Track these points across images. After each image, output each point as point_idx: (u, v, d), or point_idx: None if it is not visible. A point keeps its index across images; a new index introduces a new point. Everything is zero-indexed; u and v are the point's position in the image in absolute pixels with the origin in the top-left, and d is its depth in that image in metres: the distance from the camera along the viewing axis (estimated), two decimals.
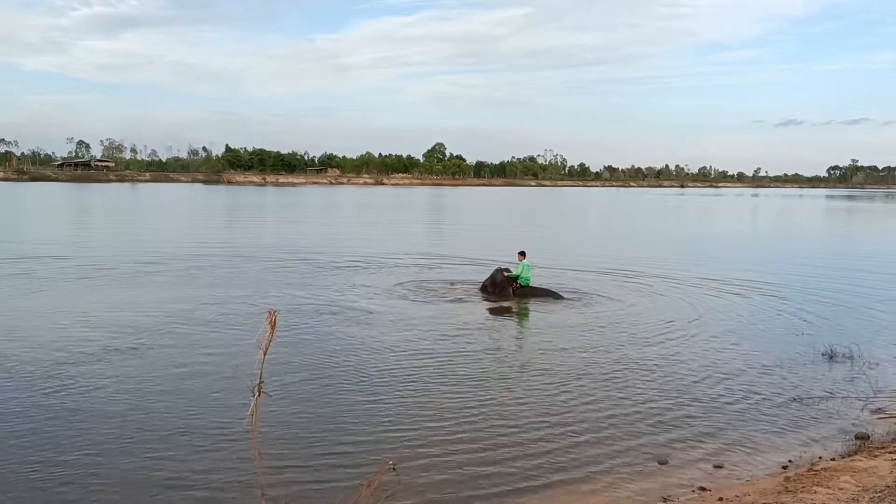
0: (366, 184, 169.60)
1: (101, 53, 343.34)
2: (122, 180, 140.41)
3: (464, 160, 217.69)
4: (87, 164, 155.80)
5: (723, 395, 10.44)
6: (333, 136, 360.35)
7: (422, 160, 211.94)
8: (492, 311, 16.88)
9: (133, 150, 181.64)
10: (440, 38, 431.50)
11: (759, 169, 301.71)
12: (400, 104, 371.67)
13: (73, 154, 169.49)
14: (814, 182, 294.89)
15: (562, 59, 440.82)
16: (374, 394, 10.18)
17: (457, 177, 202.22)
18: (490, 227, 48.53)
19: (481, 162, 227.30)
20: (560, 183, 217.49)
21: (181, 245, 28.95)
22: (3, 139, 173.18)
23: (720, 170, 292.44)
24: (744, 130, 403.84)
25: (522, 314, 16.80)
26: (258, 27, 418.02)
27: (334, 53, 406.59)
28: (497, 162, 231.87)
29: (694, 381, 11.08)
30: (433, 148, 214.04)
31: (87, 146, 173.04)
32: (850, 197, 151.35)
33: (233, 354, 11.99)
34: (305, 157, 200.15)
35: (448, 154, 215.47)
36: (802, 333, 14.59)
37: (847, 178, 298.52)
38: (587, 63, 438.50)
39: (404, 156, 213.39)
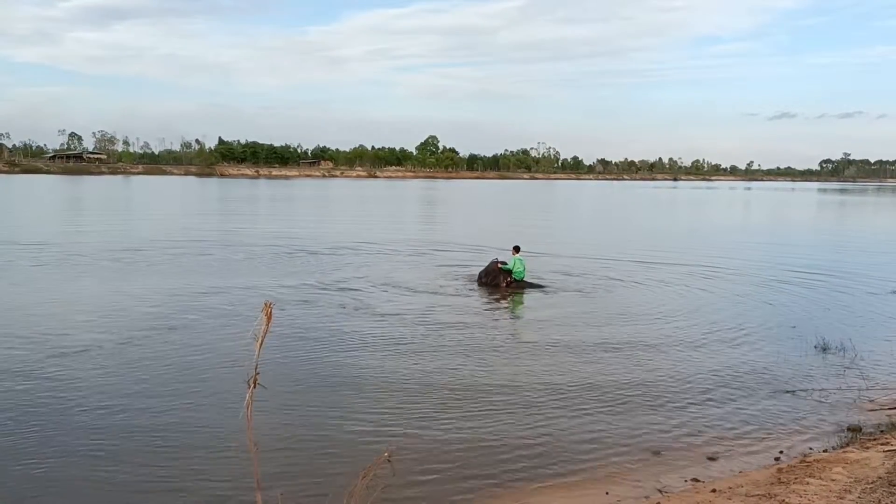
0: (359, 177, 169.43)
1: (91, 45, 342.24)
2: (114, 173, 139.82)
3: (457, 153, 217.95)
4: (79, 157, 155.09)
5: (716, 387, 10.48)
6: (326, 128, 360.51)
7: (415, 153, 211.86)
8: (486, 302, 16.90)
9: (125, 143, 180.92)
10: (433, 30, 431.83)
11: (752, 162, 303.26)
12: (393, 97, 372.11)
13: (66, 146, 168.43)
14: (806, 175, 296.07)
15: (555, 52, 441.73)
16: (370, 384, 10.18)
17: (450, 170, 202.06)
18: (486, 217, 48.51)
19: (474, 155, 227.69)
20: (553, 176, 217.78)
21: (174, 236, 28.80)
22: None
23: (713, 163, 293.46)
24: (737, 123, 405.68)
25: (517, 306, 16.81)
26: (250, 19, 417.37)
27: (327, 46, 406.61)
28: (490, 155, 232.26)
29: (687, 373, 11.11)
30: (426, 141, 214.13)
31: (80, 138, 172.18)
32: (841, 190, 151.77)
33: (228, 346, 11.97)
34: (298, 150, 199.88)
35: (441, 147, 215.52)
36: (795, 326, 14.66)
37: (839, 171, 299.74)
38: (580, 56, 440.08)
39: (397, 149, 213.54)
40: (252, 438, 3.82)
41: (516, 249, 18.65)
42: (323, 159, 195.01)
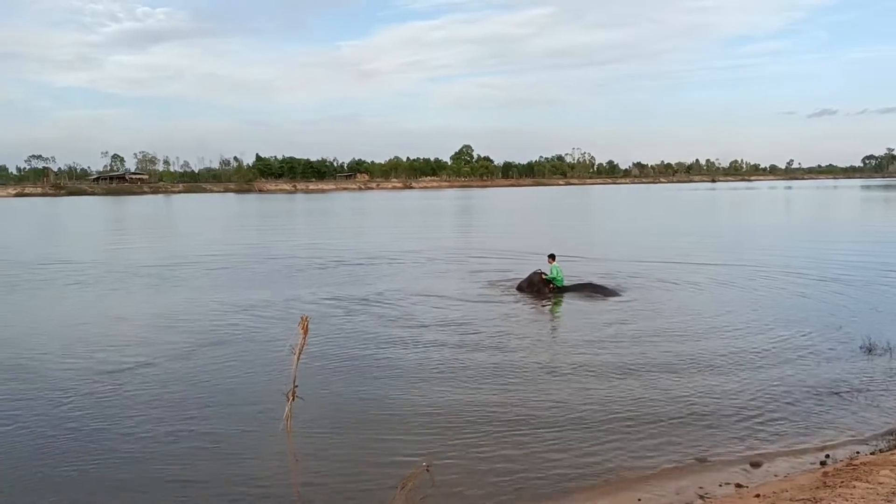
0: (395, 188, 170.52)
1: (130, 68, 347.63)
2: (156, 192, 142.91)
3: (491, 161, 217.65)
4: (121, 178, 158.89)
5: (760, 391, 10.31)
6: (361, 141, 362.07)
7: (450, 163, 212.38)
8: (528, 309, 16.84)
9: (166, 162, 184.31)
10: (464, 40, 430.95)
11: (792, 161, 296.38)
12: (426, 108, 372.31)
13: (108, 167, 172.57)
14: (849, 172, 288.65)
15: (586, 58, 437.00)
16: (408, 395, 10.24)
17: (485, 178, 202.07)
18: (523, 224, 48.38)
19: (509, 162, 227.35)
20: (589, 181, 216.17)
21: (214, 251, 29.28)
22: (40, 155, 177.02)
23: (752, 163, 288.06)
24: (775, 122, 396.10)
25: (559, 311, 16.74)
26: (284, 36, 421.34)
27: (360, 60, 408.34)
28: (525, 162, 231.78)
29: (731, 377, 10.95)
30: (460, 150, 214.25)
31: (122, 159, 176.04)
32: (886, 187, 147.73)
33: (268, 359, 12.16)
34: (334, 164, 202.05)
35: (476, 156, 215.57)
36: (840, 327, 14.33)
37: (883, 167, 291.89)
38: (612, 60, 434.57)
39: (432, 159, 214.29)
40: (292, 450, 3.91)
41: (552, 257, 18.61)
42: (359, 172, 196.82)
